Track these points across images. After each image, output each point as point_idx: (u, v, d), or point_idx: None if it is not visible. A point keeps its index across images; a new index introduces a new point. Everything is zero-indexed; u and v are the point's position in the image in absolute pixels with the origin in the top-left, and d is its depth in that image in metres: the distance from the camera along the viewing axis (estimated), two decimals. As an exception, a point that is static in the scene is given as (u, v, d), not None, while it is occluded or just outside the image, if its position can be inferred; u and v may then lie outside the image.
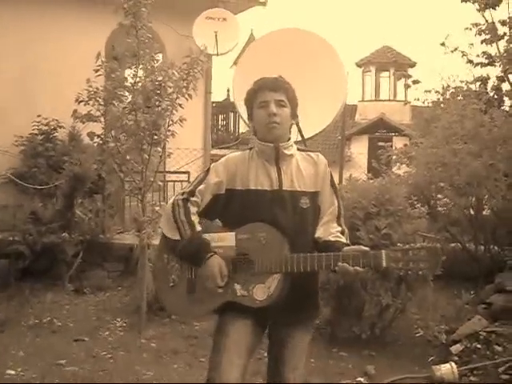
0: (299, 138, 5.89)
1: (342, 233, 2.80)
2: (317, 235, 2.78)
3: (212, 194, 2.80)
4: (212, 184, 2.80)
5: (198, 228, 2.75)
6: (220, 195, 2.80)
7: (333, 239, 2.74)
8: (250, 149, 2.89)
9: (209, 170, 2.87)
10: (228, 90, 15.00)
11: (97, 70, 5.77)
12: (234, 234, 2.73)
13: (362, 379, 4.79)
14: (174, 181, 9.02)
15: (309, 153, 2.90)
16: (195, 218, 2.77)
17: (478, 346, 5.18)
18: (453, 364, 4.71)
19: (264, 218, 2.72)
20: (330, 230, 2.78)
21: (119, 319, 6.25)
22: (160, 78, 5.66)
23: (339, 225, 2.81)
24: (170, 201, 2.86)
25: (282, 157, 2.80)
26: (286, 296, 2.68)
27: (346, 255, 2.61)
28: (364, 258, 2.60)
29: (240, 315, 2.71)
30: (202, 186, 2.81)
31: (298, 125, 5.48)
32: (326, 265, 2.63)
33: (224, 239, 2.75)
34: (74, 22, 9.24)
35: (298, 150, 2.89)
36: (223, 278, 2.69)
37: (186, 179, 9.27)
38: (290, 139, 2.84)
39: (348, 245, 2.74)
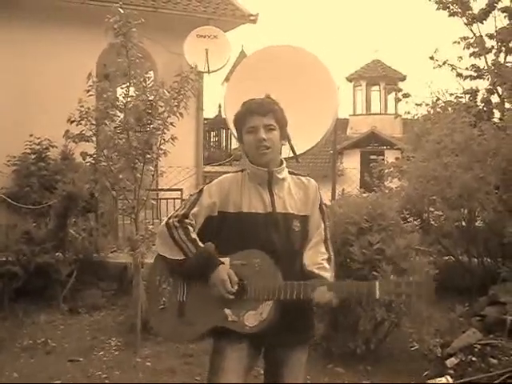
0: (291, 154, 5.92)
1: (329, 260, 2.83)
2: (304, 260, 2.80)
3: (205, 216, 2.80)
4: (205, 206, 2.80)
5: (201, 244, 2.75)
6: (213, 217, 2.80)
7: (316, 271, 2.76)
8: (242, 170, 2.90)
9: (201, 190, 2.86)
10: (219, 107, 15.09)
11: (88, 91, 5.80)
12: (228, 259, 2.73)
13: (358, 395, 4.79)
14: (167, 198, 9.04)
15: (300, 177, 2.92)
16: (195, 236, 2.77)
17: (473, 358, 5.17)
18: (448, 378, 4.72)
19: (258, 240, 2.73)
20: (316, 259, 2.80)
21: (114, 338, 6.21)
22: (151, 98, 5.69)
23: (326, 249, 2.85)
24: (162, 223, 2.86)
25: (275, 180, 2.82)
26: (280, 318, 2.68)
27: (340, 284, 2.67)
28: (358, 288, 2.65)
29: (235, 338, 2.71)
30: (195, 210, 2.81)
31: (289, 141, 5.52)
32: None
33: None
34: (66, 41, 9.29)
35: (290, 173, 2.91)
36: (233, 284, 2.68)
37: (179, 197, 9.28)
38: (282, 162, 2.86)
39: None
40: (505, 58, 13.45)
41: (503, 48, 13.33)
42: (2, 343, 5.98)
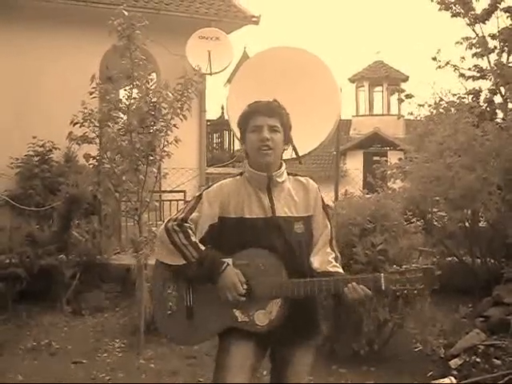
0: (294, 155, 5.92)
1: (336, 258, 2.84)
2: (314, 265, 2.79)
3: (208, 226, 2.79)
4: (206, 215, 2.78)
5: (203, 247, 2.74)
6: (214, 224, 2.79)
7: (331, 269, 2.77)
8: (241, 174, 2.88)
9: (200, 196, 2.84)
10: (222, 108, 15.09)
11: (92, 93, 5.81)
12: (230, 259, 2.72)
13: (362, 396, 4.78)
14: (170, 200, 9.05)
15: (298, 177, 2.90)
16: (195, 239, 2.76)
17: (477, 359, 5.17)
18: (452, 378, 4.72)
19: (259, 245, 2.72)
20: (326, 259, 2.80)
21: (117, 340, 6.22)
22: (154, 100, 5.69)
23: (332, 250, 2.84)
24: (161, 228, 2.83)
25: (274, 184, 2.80)
26: (287, 317, 2.69)
27: (345, 279, 2.66)
28: (363, 282, 2.65)
29: (242, 336, 2.72)
30: (194, 215, 2.79)
31: (292, 142, 5.52)
32: (326, 289, 2.67)
33: None
34: (69, 43, 9.32)
35: (288, 174, 2.89)
36: (242, 285, 2.68)
37: (182, 198, 9.29)
38: (281, 165, 2.84)
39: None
40: (507, 58, 13.45)
41: (506, 48, 13.32)
42: (5, 345, 6.00)
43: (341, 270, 2.80)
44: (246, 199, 2.79)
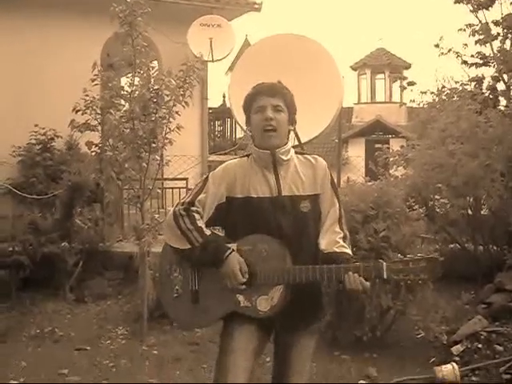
0: (296, 143, 5.91)
1: (344, 238, 2.81)
2: (322, 246, 2.77)
3: (215, 206, 2.79)
4: (213, 194, 2.79)
5: (208, 232, 2.75)
6: (222, 204, 2.80)
7: (338, 250, 2.75)
8: (248, 155, 2.89)
9: (207, 178, 2.86)
10: (224, 96, 15.06)
11: (93, 80, 5.80)
12: (235, 245, 2.73)
13: (363, 382, 4.80)
14: (173, 188, 9.05)
15: (306, 156, 2.89)
16: (201, 224, 2.77)
17: (479, 346, 5.18)
18: (454, 365, 4.72)
19: (265, 225, 2.72)
20: (333, 238, 2.78)
21: (120, 327, 6.25)
22: (157, 87, 5.68)
23: (341, 228, 2.81)
24: (170, 212, 2.85)
25: (280, 163, 2.79)
26: (290, 302, 2.70)
27: (347, 267, 2.64)
28: (365, 271, 2.64)
29: (245, 321, 2.73)
30: (201, 196, 2.80)
31: (294, 130, 5.51)
32: (327, 277, 2.66)
33: None
34: (70, 31, 9.28)
35: (296, 153, 2.89)
36: (244, 274, 2.69)
37: (184, 186, 9.29)
38: (287, 143, 2.83)
39: (353, 258, 2.77)
40: (511, 45, 13.37)
41: (509, 35, 13.24)
42: (9, 332, 6.03)
43: (347, 251, 2.78)
44: (252, 179, 2.79)
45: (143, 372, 5.05)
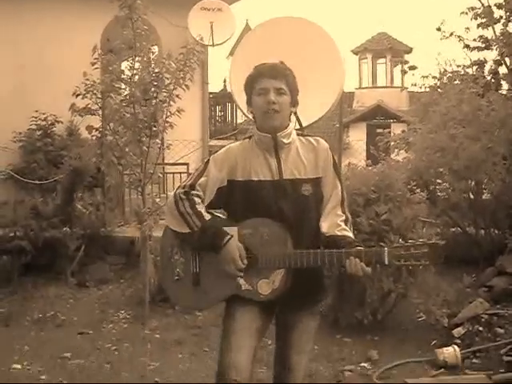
0: (297, 126, 5.89)
1: (346, 221, 2.79)
2: (323, 230, 2.75)
3: (216, 189, 2.78)
4: (214, 178, 2.77)
5: (207, 216, 2.74)
6: (223, 188, 2.78)
7: (339, 233, 2.73)
8: (250, 138, 2.87)
9: (208, 161, 2.84)
10: (225, 81, 15.00)
11: (94, 64, 5.77)
12: (236, 229, 2.72)
13: (365, 364, 4.82)
14: (173, 172, 9.02)
15: (308, 138, 2.85)
16: (201, 208, 2.75)
17: (480, 328, 5.21)
18: (455, 347, 4.75)
19: (266, 208, 2.71)
20: (335, 221, 2.76)
21: (123, 311, 6.28)
22: (157, 70, 5.66)
23: (343, 211, 2.80)
24: (171, 195, 2.84)
25: (281, 146, 2.77)
26: (292, 285, 2.70)
27: (348, 252, 2.62)
28: (366, 255, 2.62)
29: (247, 302, 2.72)
30: (202, 180, 2.79)
31: (295, 113, 5.49)
32: (328, 261, 2.65)
33: None
34: (69, 15, 9.22)
35: (298, 135, 2.86)
36: (243, 260, 2.68)
37: (185, 171, 9.27)
38: (288, 126, 2.80)
39: (355, 241, 2.75)
40: (514, 28, 13.27)
41: (512, 18, 13.14)
42: (12, 316, 6.06)
43: (349, 234, 2.75)
44: (253, 162, 2.77)
45: (145, 355, 5.07)
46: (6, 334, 5.62)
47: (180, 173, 8.96)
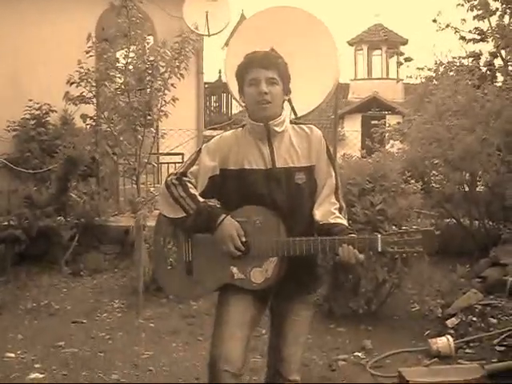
0: (292, 116, 5.88)
1: (340, 209, 2.78)
2: (316, 217, 2.73)
3: (208, 177, 2.76)
4: (206, 167, 2.76)
5: (201, 199, 2.73)
6: (215, 177, 2.77)
7: (332, 221, 2.71)
8: (243, 126, 2.84)
9: (200, 150, 2.82)
10: (220, 71, 14.94)
11: (88, 52, 5.74)
12: (229, 216, 2.70)
13: (359, 354, 4.83)
14: (168, 162, 9.01)
15: (302, 126, 2.83)
16: (195, 191, 2.75)
17: (474, 318, 5.22)
18: (449, 337, 4.75)
19: (259, 197, 2.69)
20: (329, 209, 2.74)
21: (117, 301, 6.27)
22: (152, 58, 5.63)
23: (337, 199, 2.78)
24: (163, 183, 2.83)
25: (273, 134, 2.75)
26: (285, 273, 2.69)
27: (342, 239, 2.61)
28: (360, 243, 2.61)
29: (241, 291, 2.71)
30: (194, 168, 2.78)
31: (290, 103, 5.47)
32: (321, 249, 2.63)
33: None
34: (63, 3, 9.17)
35: (291, 123, 2.84)
36: (241, 237, 2.66)
37: (180, 161, 9.25)
38: (281, 114, 2.77)
39: (349, 228, 2.72)
40: (509, 20, 13.26)
41: (508, 10, 13.12)
42: (5, 305, 6.04)
43: (343, 221, 2.74)
44: (246, 150, 2.75)
45: (140, 344, 5.07)
46: (0, 323, 5.61)
47: (174, 163, 8.94)
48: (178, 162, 9.02)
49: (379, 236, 2.64)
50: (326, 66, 6.58)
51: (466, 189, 7.47)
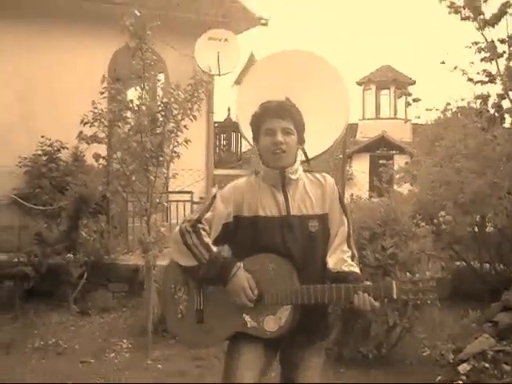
0: (303, 157, 5.91)
1: (353, 257, 2.79)
2: (329, 265, 2.74)
3: (221, 224, 2.76)
4: (220, 213, 2.76)
5: (214, 248, 2.72)
6: (229, 223, 2.77)
7: (346, 269, 2.72)
8: (256, 173, 2.85)
9: (215, 196, 2.83)
10: (229, 110, 15.06)
11: (102, 93, 5.81)
12: (241, 264, 2.69)
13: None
14: (178, 201, 9.04)
15: (315, 174, 2.86)
16: (208, 240, 2.73)
17: (486, 365, 5.13)
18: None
19: (273, 244, 2.69)
20: (341, 257, 2.75)
21: (125, 340, 6.22)
22: (165, 100, 5.70)
23: (349, 247, 2.79)
24: (176, 229, 2.82)
25: (288, 182, 2.77)
26: (298, 321, 2.67)
27: (357, 287, 2.61)
28: (375, 290, 2.61)
29: (251, 338, 2.69)
30: (208, 215, 2.78)
31: (303, 150, 5.49)
32: (337, 297, 2.63)
33: None
34: (76, 42, 9.34)
35: (304, 171, 2.86)
36: (253, 290, 2.66)
37: (189, 199, 9.29)
38: (295, 162, 2.79)
39: (362, 276, 2.73)
40: (517, 63, 13.37)
41: (515, 53, 13.24)
42: (13, 343, 6.00)
43: (356, 269, 2.75)
44: (260, 198, 2.76)
45: (148, 386, 5.02)
46: (7, 362, 5.57)
47: (184, 201, 8.99)
48: (188, 201, 9.07)
49: (394, 283, 2.64)
50: (338, 108, 6.64)
51: (476, 230, 7.44)
